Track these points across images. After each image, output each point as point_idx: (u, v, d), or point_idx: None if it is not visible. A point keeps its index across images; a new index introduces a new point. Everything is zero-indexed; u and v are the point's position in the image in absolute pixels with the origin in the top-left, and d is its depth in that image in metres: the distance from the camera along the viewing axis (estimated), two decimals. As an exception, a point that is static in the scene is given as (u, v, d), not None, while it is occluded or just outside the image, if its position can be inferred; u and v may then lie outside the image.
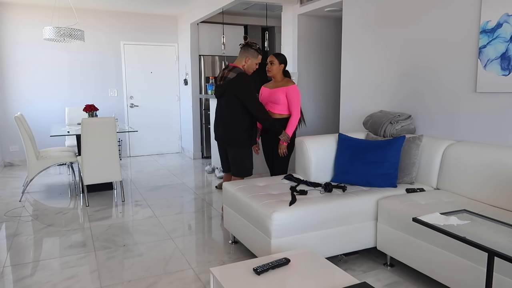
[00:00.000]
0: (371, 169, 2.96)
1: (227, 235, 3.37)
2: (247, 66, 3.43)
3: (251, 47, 3.41)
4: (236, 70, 3.34)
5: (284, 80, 3.71)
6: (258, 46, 3.44)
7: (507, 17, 2.62)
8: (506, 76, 2.65)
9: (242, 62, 3.42)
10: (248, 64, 3.42)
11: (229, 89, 3.32)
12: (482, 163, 2.58)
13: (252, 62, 3.43)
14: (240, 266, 1.89)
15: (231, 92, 3.32)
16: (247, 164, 3.49)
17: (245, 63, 3.41)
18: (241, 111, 3.36)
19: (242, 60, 3.42)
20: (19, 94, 6.47)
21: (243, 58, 3.42)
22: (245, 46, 3.42)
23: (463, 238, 1.62)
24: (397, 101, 3.59)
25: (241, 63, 3.42)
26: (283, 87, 3.62)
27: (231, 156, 3.48)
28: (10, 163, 6.55)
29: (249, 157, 3.50)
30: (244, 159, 3.46)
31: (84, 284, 2.56)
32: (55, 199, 4.50)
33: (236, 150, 3.44)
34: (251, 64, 3.43)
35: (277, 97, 3.61)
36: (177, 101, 7.54)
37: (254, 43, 3.44)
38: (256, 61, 3.45)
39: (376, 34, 3.78)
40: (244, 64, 3.42)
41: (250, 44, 3.42)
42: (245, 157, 3.46)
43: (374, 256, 2.91)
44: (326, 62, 5.51)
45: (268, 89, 3.75)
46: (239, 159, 3.45)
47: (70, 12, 6.53)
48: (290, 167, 5.40)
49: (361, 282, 1.68)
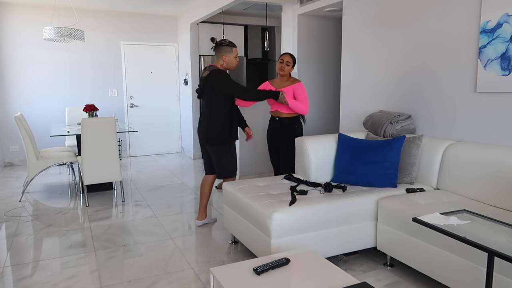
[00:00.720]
0: (371, 169, 2.96)
1: (227, 235, 3.37)
2: (226, 64, 3.39)
3: (221, 45, 3.37)
4: (210, 68, 3.34)
5: (290, 79, 3.76)
6: (228, 41, 3.41)
7: (507, 17, 2.62)
8: (506, 76, 2.65)
9: (220, 61, 3.39)
10: (227, 61, 3.38)
11: (206, 86, 3.31)
12: (482, 163, 2.58)
13: (231, 57, 3.38)
14: (240, 266, 1.89)
15: (208, 89, 3.31)
16: (230, 164, 3.44)
17: (223, 62, 3.38)
18: (219, 107, 3.32)
19: (220, 60, 3.39)
20: (19, 94, 6.47)
21: (219, 57, 3.38)
22: (216, 46, 3.40)
23: (463, 238, 1.62)
24: (397, 101, 3.59)
25: (219, 63, 3.39)
26: (290, 86, 3.68)
27: (213, 156, 3.43)
28: (10, 163, 6.55)
29: (232, 156, 3.44)
30: (226, 158, 3.40)
31: (84, 284, 2.56)
32: (55, 199, 4.50)
33: (217, 148, 3.38)
34: (230, 60, 3.39)
35: (288, 96, 3.63)
36: (177, 101, 7.54)
37: (223, 40, 3.41)
38: (233, 54, 3.39)
39: (376, 34, 3.78)
40: (223, 63, 3.38)
41: (219, 42, 3.39)
42: (227, 155, 3.40)
43: (374, 256, 2.91)
44: (326, 62, 5.50)
45: (275, 88, 3.76)
46: (220, 158, 3.40)
47: (70, 12, 6.53)
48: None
49: (361, 282, 1.68)
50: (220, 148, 3.38)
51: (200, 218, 3.59)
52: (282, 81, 3.77)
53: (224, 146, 3.38)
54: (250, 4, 5.98)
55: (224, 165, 3.42)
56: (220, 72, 3.30)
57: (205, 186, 3.58)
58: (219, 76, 3.29)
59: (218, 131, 3.34)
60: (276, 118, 3.81)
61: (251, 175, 5.16)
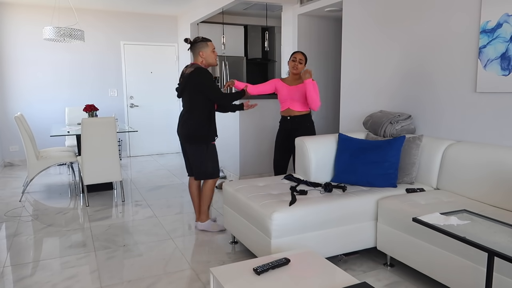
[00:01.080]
0: (371, 169, 2.96)
1: (227, 235, 3.37)
2: (205, 61, 3.32)
3: (195, 42, 3.31)
4: (192, 66, 3.26)
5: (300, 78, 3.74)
6: (202, 37, 3.35)
7: (507, 17, 2.62)
8: (506, 76, 2.65)
9: (198, 59, 3.32)
10: (205, 57, 3.31)
11: (187, 84, 3.24)
12: (482, 163, 2.58)
13: (208, 52, 3.31)
14: (240, 266, 1.89)
15: (190, 87, 3.24)
16: (209, 164, 3.35)
17: (202, 58, 3.31)
18: (199, 105, 3.26)
19: (198, 57, 3.31)
20: (19, 94, 6.47)
21: (197, 55, 3.32)
22: (191, 45, 3.33)
23: (463, 238, 1.62)
24: (397, 101, 3.59)
25: (198, 60, 3.32)
26: (303, 84, 3.64)
27: (191, 156, 3.36)
28: (10, 163, 6.55)
29: (211, 156, 3.35)
30: (205, 158, 3.32)
31: (84, 284, 2.56)
32: (55, 199, 4.50)
33: (195, 147, 3.31)
34: (207, 55, 3.32)
35: (301, 94, 3.63)
36: (177, 101, 7.54)
37: (197, 37, 3.33)
38: (210, 49, 3.32)
39: (376, 34, 3.78)
40: (202, 60, 3.31)
41: (193, 41, 3.32)
42: (205, 155, 3.32)
43: (374, 256, 2.91)
44: (326, 62, 5.50)
45: (286, 85, 3.73)
46: (199, 158, 3.32)
47: (70, 12, 6.53)
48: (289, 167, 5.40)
49: (361, 282, 1.68)
50: (198, 147, 3.31)
51: (202, 219, 3.49)
52: (294, 79, 3.75)
53: (203, 146, 3.31)
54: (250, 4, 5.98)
55: (202, 165, 3.34)
56: (204, 71, 3.23)
57: (192, 188, 3.52)
58: (203, 75, 3.21)
59: (197, 130, 3.27)
60: (287, 117, 3.76)
61: (251, 175, 5.16)
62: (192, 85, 3.23)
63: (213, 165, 3.37)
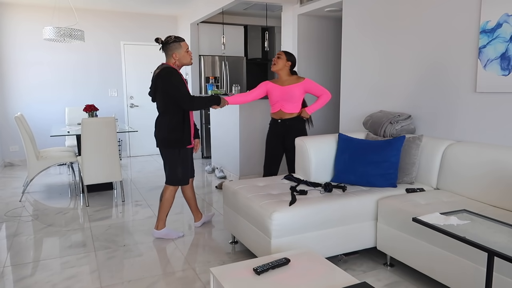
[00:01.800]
0: (371, 169, 2.96)
1: (227, 235, 3.37)
2: (179, 61, 3.17)
3: (168, 43, 3.14)
4: (161, 66, 3.14)
5: (293, 76, 3.59)
6: (174, 36, 3.17)
7: (507, 17, 2.62)
8: (506, 76, 2.65)
9: (171, 60, 3.16)
10: (178, 58, 3.16)
11: (156, 86, 3.12)
12: (482, 163, 2.59)
13: (181, 53, 3.15)
14: (240, 266, 1.89)
15: (159, 88, 3.11)
16: (178, 170, 3.21)
17: (175, 60, 3.16)
18: (170, 108, 3.12)
19: (170, 58, 3.16)
20: (19, 94, 6.47)
21: (170, 56, 3.16)
22: (163, 46, 3.17)
23: (463, 238, 1.63)
24: (397, 101, 3.59)
25: (171, 61, 3.17)
26: (297, 84, 3.52)
27: (163, 159, 3.24)
28: (10, 163, 6.55)
29: (182, 162, 3.21)
30: (175, 163, 3.19)
31: (84, 284, 2.56)
32: (55, 199, 4.50)
33: (167, 151, 3.19)
34: (181, 56, 3.16)
35: (293, 94, 3.50)
36: (177, 101, 7.53)
37: (169, 37, 3.16)
38: (183, 49, 3.16)
39: (376, 34, 3.78)
40: (175, 61, 3.16)
41: (165, 41, 3.16)
42: (176, 160, 3.18)
43: (374, 256, 2.91)
44: (326, 62, 5.50)
45: (278, 86, 3.57)
46: (169, 162, 3.20)
47: (70, 12, 6.53)
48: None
49: (361, 282, 1.68)
50: (170, 151, 3.18)
51: (196, 219, 3.55)
52: (286, 80, 3.57)
53: (174, 150, 3.17)
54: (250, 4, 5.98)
55: (171, 170, 3.21)
56: (170, 72, 3.07)
57: (185, 192, 3.47)
58: (169, 76, 3.06)
59: (169, 132, 3.13)
60: (278, 120, 3.61)
61: (251, 175, 5.16)
62: (160, 87, 3.10)
63: (183, 171, 3.24)
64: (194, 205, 3.53)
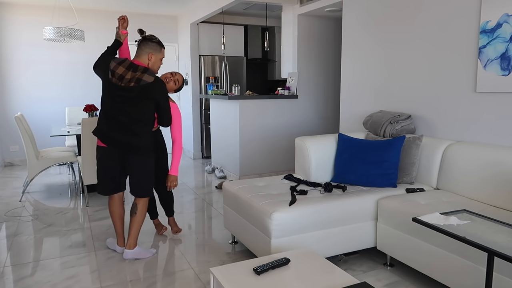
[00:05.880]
0: (371, 169, 2.96)
1: (227, 235, 3.37)
2: (151, 64, 2.85)
3: (151, 41, 2.85)
4: (150, 73, 2.77)
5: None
6: (159, 39, 2.90)
7: (507, 17, 2.62)
8: (506, 76, 2.65)
9: (145, 60, 2.84)
10: (152, 61, 2.85)
11: (146, 94, 2.74)
12: (482, 163, 2.59)
13: (156, 59, 2.87)
14: (240, 266, 1.89)
15: (148, 97, 2.74)
16: (151, 181, 2.91)
17: (149, 61, 2.84)
18: (149, 117, 2.81)
19: (145, 58, 2.84)
20: (19, 94, 6.47)
21: (145, 54, 2.83)
22: (144, 40, 2.84)
23: (463, 238, 1.63)
24: (397, 101, 3.59)
25: (144, 61, 2.84)
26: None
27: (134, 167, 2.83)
28: (10, 163, 6.55)
29: (153, 172, 2.93)
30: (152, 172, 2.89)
31: (84, 284, 2.56)
32: (55, 199, 4.50)
33: (144, 159, 2.83)
34: (155, 60, 2.87)
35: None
36: (177, 101, 7.53)
37: (154, 36, 2.89)
38: (160, 56, 2.88)
39: (376, 34, 3.78)
40: (148, 62, 2.84)
41: (149, 37, 2.86)
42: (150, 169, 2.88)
43: (374, 256, 2.91)
44: (326, 62, 5.51)
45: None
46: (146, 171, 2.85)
47: (70, 12, 6.53)
48: (290, 167, 5.41)
49: (361, 282, 1.68)
50: (144, 159, 2.83)
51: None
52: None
53: (150, 158, 2.87)
54: (250, 4, 5.98)
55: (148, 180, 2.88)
56: (163, 84, 2.82)
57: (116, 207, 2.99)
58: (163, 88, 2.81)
59: (146, 140, 2.81)
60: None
61: (251, 175, 5.16)
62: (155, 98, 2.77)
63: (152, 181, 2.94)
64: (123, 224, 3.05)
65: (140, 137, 2.78)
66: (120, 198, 3.00)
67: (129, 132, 2.76)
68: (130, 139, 2.77)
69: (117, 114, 2.76)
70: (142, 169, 2.85)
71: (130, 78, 2.74)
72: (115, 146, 2.81)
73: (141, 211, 2.89)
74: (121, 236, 3.02)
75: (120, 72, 2.76)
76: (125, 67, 2.78)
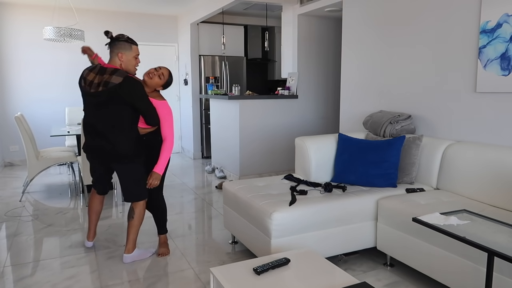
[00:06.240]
0: (371, 169, 2.96)
1: (227, 235, 3.37)
2: (124, 64, 2.75)
3: (118, 40, 2.73)
4: (120, 73, 2.64)
5: (155, 92, 2.92)
6: (127, 36, 2.77)
7: (507, 17, 2.62)
8: (506, 76, 2.65)
9: (116, 61, 2.74)
10: (124, 60, 2.74)
11: (116, 96, 2.62)
12: (482, 163, 2.59)
13: (129, 57, 2.75)
14: (240, 266, 1.89)
15: (119, 100, 2.63)
16: (143, 185, 2.82)
17: (120, 61, 2.74)
18: (130, 120, 2.71)
19: (116, 59, 2.73)
20: (19, 94, 6.47)
21: (115, 56, 2.73)
22: (112, 41, 2.74)
23: (463, 238, 1.63)
24: (397, 101, 3.60)
25: (116, 62, 2.74)
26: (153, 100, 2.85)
27: (119, 175, 2.79)
28: (10, 163, 6.55)
29: (144, 176, 2.83)
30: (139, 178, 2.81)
31: (84, 284, 2.56)
32: (55, 199, 4.50)
33: (128, 167, 2.76)
34: (127, 59, 2.75)
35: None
36: (177, 101, 7.54)
37: (121, 35, 2.76)
38: (133, 53, 2.76)
39: (376, 34, 3.78)
40: (120, 63, 2.74)
41: (116, 37, 2.75)
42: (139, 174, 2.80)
43: (374, 256, 2.91)
44: (326, 62, 5.51)
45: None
46: (132, 178, 2.79)
47: (70, 12, 6.53)
48: (290, 167, 5.41)
49: (361, 282, 1.68)
50: (132, 165, 2.76)
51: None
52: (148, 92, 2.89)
53: (134, 164, 2.78)
54: (250, 4, 5.98)
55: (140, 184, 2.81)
56: (136, 81, 2.66)
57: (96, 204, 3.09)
58: (134, 86, 2.64)
59: (129, 147, 2.71)
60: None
61: (251, 175, 5.16)
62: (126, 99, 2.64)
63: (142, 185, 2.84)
64: (97, 221, 3.13)
65: (116, 146, 2.68)
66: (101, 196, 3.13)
67: (107, 140, 2.69)
68: (109, 148, 2.70)
69: (94, 122, 2.72)
70: (128, 177, 2.80)
71: (98, 83, 2.67)
72: (98, 156, 2.80)
73: (138, 215, 2.84)
74: (92, 231, 3.13)
75: (91, 78, 2.72)
76: (95, 72, 2.73)
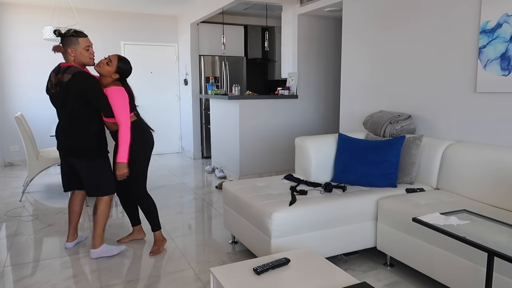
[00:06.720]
0: (371, 169, 2.96)
1: (227, 235, 3.37)
2: (77, 59, 2.74)
3: (64, 37, 2.71)
4: (70, 70, 2.67)
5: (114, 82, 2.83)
6: (74, 30, 2.74)
7: (507, 17, 2.62)
8: (506, 76, 2.65)
9: (69, 57, 2.75)
10: (75, 55, 2.73)
11: (70, 93, 2.65)
12: (482, 163, 2.59)
13: (79, 50, 2.72)
14: (240, 266, 1.89)
15: (72, 97, 2.65)
16: (105, 180, 2.84)
17: (72, 56, 2.73)
18: (86, 116, 2.72)
19: (68, 56, 2.75)
20: (19, 94, 6.47)
21: (66, 53, 2.75)
22: (61, 39, 2.74)
23: (463, 238, 1.63)
24: (397, 101, 3.60)
25: (70, 59, 2.75)
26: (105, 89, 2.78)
27: (83, 172, 2.82)
28: (10, 163, 6.55)
29: (106, 170, 2.85)
30: (99, 173, 2.83)
31: (84, 284, 2.56)
32: (55, 199, 4.50)
33: (87, 163, 2.79)
34: (78, 53, 2.73)
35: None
36: (177, 101, 7.54)
37: (68, 30, 2.74)
38: (81, 46, 2.72)
39: (376, 34, 3.78)
40: (73, 58, 2.73)
41: (63, 34, 2.73)
42: (100, 170, 2.83)
43: (374, 256, 2.91)
44: (326, 62, 5.51)
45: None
46: (93, 174, 2.81)
47: (70, 12, 6.53)
48: (290, 167, 5.41)
49: (361, 282, 1.68)
50: (90, 162, 2.79)
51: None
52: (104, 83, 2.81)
53: (96, 160, 2.81)
54: (250, 4, 5.98)
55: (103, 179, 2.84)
56: (84, 75, 2.65)
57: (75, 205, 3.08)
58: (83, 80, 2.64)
59: (87, 145, 2.76)
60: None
61: (251, 175, 5.16)
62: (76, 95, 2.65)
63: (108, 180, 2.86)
64: (77, 222, 3.14)
65: (73, 142, 2.76)
66: (80, 197, 3.10)
67: (68, 138, 2.79)
68: (68, 145, 2.79)
69: (60, 122, 2.83)
70: (87, 172, 2.82)
71: (56, 83, 2.73)
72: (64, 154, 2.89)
73: (102, 211, 2.87)
74: (71, 232, 3.13)
75: (52, 79, 2.78)
76: (55, 72, 2.77)
